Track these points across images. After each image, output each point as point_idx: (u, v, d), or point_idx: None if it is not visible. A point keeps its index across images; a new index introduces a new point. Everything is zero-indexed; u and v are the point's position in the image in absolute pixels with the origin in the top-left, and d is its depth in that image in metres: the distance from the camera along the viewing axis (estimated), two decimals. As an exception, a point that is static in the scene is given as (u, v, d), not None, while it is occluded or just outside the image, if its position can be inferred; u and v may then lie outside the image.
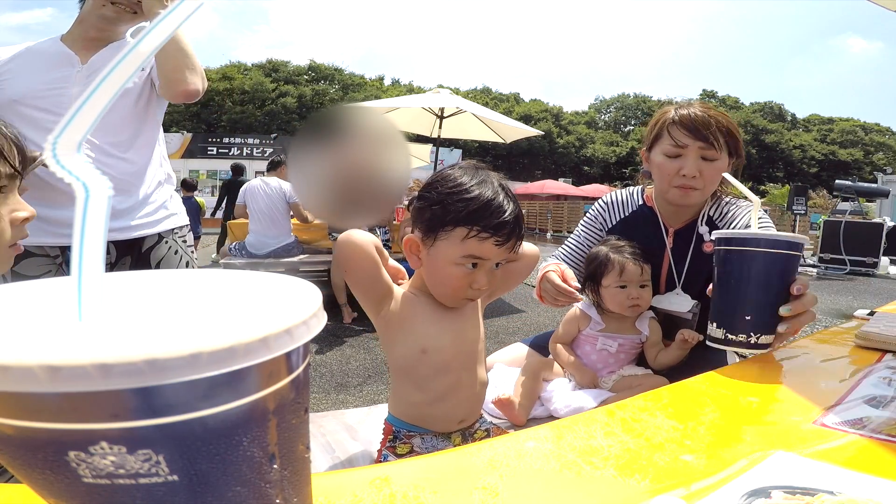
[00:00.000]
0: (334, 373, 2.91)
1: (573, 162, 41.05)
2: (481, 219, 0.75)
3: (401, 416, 0.87)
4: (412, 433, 0.85)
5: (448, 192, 0.77)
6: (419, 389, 0.84)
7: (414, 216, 0.83)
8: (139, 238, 1.40)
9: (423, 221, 0.80)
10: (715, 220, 1.24)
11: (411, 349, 0.82)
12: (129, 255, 1.41)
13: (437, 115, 5.93)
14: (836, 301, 5.58)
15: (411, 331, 0.82)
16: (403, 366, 0.84)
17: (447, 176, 0.80)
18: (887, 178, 17.45)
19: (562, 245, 1.41)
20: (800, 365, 0.86)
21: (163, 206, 1.44)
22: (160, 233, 1.43)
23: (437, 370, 0.83)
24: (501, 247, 0.77)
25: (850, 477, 0.46)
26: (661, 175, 1.19)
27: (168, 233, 1.45)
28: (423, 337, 0.82)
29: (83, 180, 0.22)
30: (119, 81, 0.22)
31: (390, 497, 0.44)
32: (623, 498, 0.45)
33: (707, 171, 1.14)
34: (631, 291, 1.18)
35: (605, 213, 1.36)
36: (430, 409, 0.85)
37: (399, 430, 0.86)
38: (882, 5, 1.16)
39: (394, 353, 0.85)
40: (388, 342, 0.85)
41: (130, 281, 0.28)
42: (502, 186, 0.80)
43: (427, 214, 0.79)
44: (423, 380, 0.83)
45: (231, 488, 0.21)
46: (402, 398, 0.86)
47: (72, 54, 1.32)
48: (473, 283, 0.79)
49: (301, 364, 0.23)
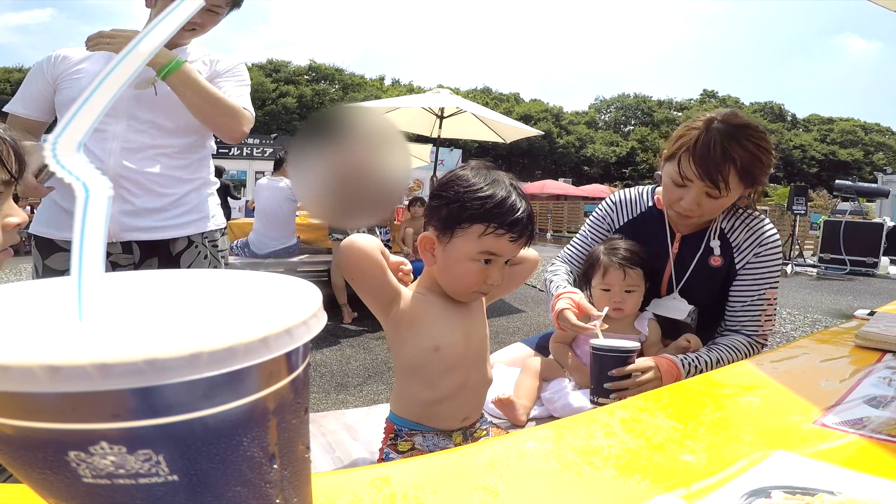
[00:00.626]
0: (334, 373, 2.91)
1: (573, 162, 41.05)
2: (497, 216, 0.78)
3: (404, 414, 0.87)
4: (414, 431, 0.86)
5: (465, 190, 0.80)
6: (429, 387, 0.85)
7: (429, 214, 0.85)
8: (166, 240, 1.38)
9: (439, 219, 0.82)
10: (727, 233, 1.21)
11: (424, 347, 0.83)
12: (154, 256, 1.39)
13: (437, 115, 5.92)
14: (836, 301, 5.58)
15: (423, 329, 0.83)
16: (414, 364, 0.85)
17: (462, 176, 0.83)
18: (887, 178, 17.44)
19: (567, 245, 1.41)
20: (800, 365, 0.86)
21: (195, 210, 1.41)
22: (189, 236, 1.40)
23: (448, 367, 0.84)
24: (515, 243, 0.81)
25: (850, 477, 0.46)
26: (664, 194, 1.19)
27: (198, 236, 1.42)
28: (436, 334, 0.83)
29: (83, 180, 0.22)
30: (119, 82, 0.22)
31: (390, 497, 0.44)
32: (623, 498, 0.45)
33: (708, 206, 1.12)
34: (613, 296, 1.18)
35: (612, 213, 1.35)
36: (438, 406, 0.85)
37: (401, 428, 0.86)
38: (882, 5, 1.16)
39: (404, 353, 0.85)
40: (397, 342, 0.85)
41: (130, 281, 0.28)
42: (514, 186, 0.82)
43: (444, 212, 0.81)
44: (434, 377, 0.84)
45: (231, 488, 0.21)
46: (409, 397, 0.87)
47: None
48: (487, 279, 0.82)
49: (301, 364, 0.23)
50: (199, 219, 1.42)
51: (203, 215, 1.43)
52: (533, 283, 6.16)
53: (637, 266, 1.19)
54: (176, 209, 1.37)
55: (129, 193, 1.30)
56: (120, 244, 1.33)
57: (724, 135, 1.08)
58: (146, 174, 1.31)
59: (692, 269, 1.22)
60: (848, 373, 0.79)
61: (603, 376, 1.02)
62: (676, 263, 1.24)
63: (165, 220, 1.35)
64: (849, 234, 7.92)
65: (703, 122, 1.12)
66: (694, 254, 1.22)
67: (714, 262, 1.20)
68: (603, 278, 1.19)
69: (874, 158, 41.31)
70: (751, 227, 1.20)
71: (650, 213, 1.30)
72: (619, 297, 1.18)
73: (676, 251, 1.24)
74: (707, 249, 1.21)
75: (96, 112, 0.22)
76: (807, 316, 4.72)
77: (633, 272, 1.18)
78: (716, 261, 1.20)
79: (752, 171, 1.10)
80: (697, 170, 1.08)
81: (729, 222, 1.22)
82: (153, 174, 1.31)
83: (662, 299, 1.25)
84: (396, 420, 0.88)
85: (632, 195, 1.35)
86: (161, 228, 1.35)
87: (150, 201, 1.32)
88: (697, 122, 1.13)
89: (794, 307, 5.11)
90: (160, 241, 1.37)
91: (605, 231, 1.34)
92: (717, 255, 1.20)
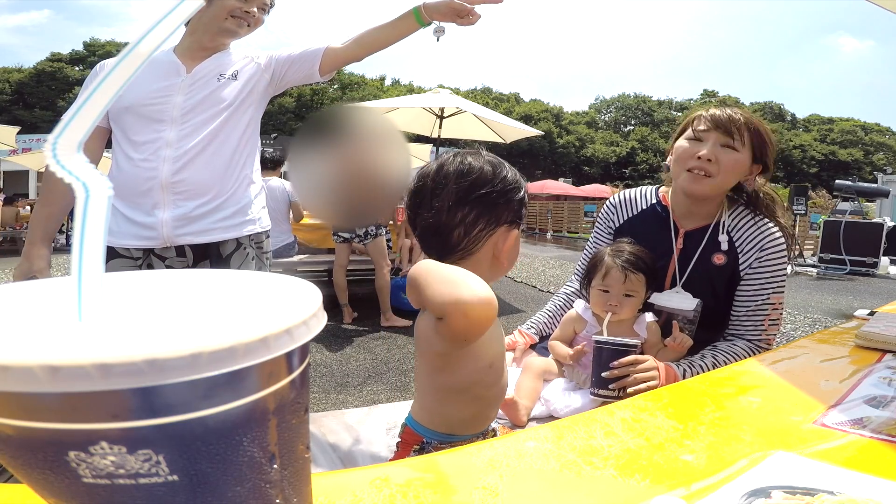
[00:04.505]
0: (334, 373, 2.91)
1: (573, 162, 41.05)
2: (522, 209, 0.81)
3: (438, 427, 0.80)
4: (444, 444, 0.78)
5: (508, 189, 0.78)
6: (475, 402, 0.79)
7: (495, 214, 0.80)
8: (216, 242, 1.41)
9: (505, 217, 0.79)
10: (730, 231, 1.20)
11: (480, 367, 0.77)
12: (206, 258, 1.42)
13: (437, 115, 5.93)
14: (836, 301, 5.58)
15: (481, 348, 0.76)
16: (467, 383, 0.77)
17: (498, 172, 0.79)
18: (887, 178, 17.44)
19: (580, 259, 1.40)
20: (800, 365, 0.86)
21: (241, 212, 1.44)
22: (238, 238, 1.44)
23: (497, 379, 0.79)
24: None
25: (850, 477, 0.46)
26: (678, 159, 1.18)
27: (245, 238, 1.45)
28: (491, 352, 0.77)
29: (83, 181, 0.22)
30: (119, 82, 0.22)
31: (390, 497, 0.44)
32: (623, 498, 0.45)
33: (724, 158, 1.13)
34: (611, 298, 1.17)
35: (612, 215, 1.35)
36: (478, 416, 0.81)
37: (430, 440, 0.80)
38: (882, 6, 1.16)
39: (457, 373, 0.77)
40: (449, 363, 0.77)
41: (130, 281, 0.28)
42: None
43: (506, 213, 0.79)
44: (482, 391, 0.78)
45: (231, 488, 0.21)
46: (448, 413, 0.80)
47: (179, 64, 1.37)
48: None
49: (301, 364, 0.23)
50: (245, 221, 1.45)
51: (250, 218, 1.46)
52: (533, 282, 6.17)
53: (640, 272, 1.17)
54: (223, 211, 1.40)
55: (181, 199, 1.34)
56: (174, 248, 1.38)
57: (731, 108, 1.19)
58: (196, 179, 1.34)
59: (694, 263, 1.21)
60: (848, 373, 0.79)
61: (604, 368, 1.04)
62: (680, 259, 1.24)
63: (214, 224, 1.39)
64: (849, 234, 7.92)
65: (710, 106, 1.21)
66: (697, 247, 1.22)
67: (717, 261, 1.19)
68: (603, 279, 1.18)
69: (874, 158, 41.33)
70: (755, 228, 1.19)
71: (653, 210, 1.29)
72: (616, 301, 1.16)
73: (681, 247, 1.24)
74: (713, 245, 1.20)
75: (96, 112, 0.22)
76: (807, 316, 4.72)
77: (634, 277, 1.16)
78: (719, 258, 1.19)
79: (761, 134, 1.16)
80: (711, 122, 1.15)
81: (733, 221, 1.21)
82: (202, 178, 1.35)
83: (667, 293, 1.24)
84: (426, 433, 0.80)
85: (632, 194, 1.35)
86: (210, 231, 1.38)
87: (201, 206, 1.36)
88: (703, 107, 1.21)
89: (794, 307, 5.11)
90: (210, 243, 1.40)
91: (607, 236, 1.35)
92: (724, 249, 1.19)
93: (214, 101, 1.36)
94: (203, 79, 1.37)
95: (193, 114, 1.34)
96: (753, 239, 1.19)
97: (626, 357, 1.04)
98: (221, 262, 1.42)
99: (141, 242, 1.35)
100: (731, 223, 1.21)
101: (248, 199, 1.46)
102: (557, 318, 1.37)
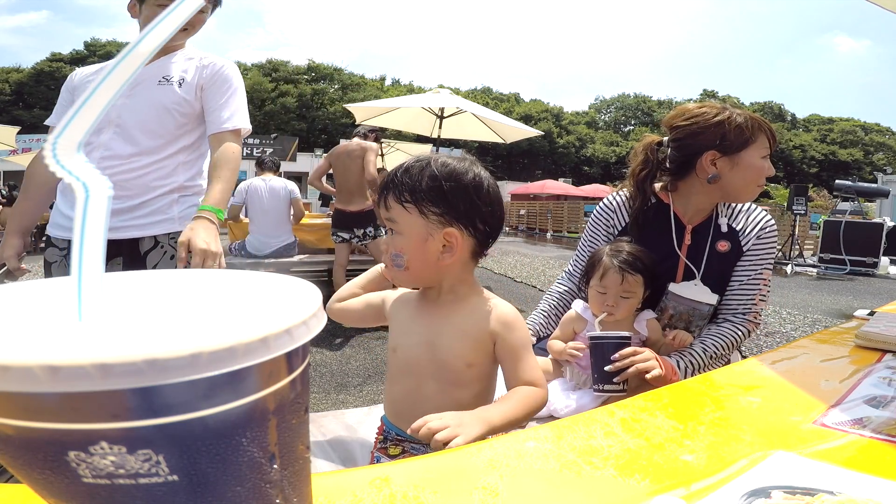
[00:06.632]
0: (334, 373, 2.91)
1: (573, 162, 41.04)
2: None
3: (388, 414, 0.90)
4: (401, 438, 0.85)
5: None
6: (388, 385, 0.90)
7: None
8: (131, 239, 1.41)
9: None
10: (730, 221, 1.28)
11: (390, 347, 0.89)
12: (119, 255, 1.42)
13: (437, 115, 5.93)
14: (836, 301, 5.58)
15: (393, 329, 0.89)
16: (387, 363, 0.92)
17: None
18: (887, 178, 17.45)
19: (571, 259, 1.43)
20: (800, 365, 0.86)
21: (159, 211, 1.43)
22: (155, 236, 1.43)
23: (401, 370, 0.86)
24: None
25: (850, 477, 0.46)
26: (754, 175, 1.22)
27: (164, 237, 1.44)
28: (396, 335, 0.88)
29: (83, 181, 0.22)
30: (119, 82, 0.22)
31: (390, 497, 0.44)
32: (623, 498, 0.45)
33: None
34: (608, 299, 1.17)
35: (612, 218, 1.35)
36: (399, 408, 0.87)
37: (389, 431, 0.87)
38: (880, 4, 1.16)
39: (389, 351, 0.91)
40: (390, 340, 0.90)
41: (130, 281, 0.28)
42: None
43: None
44: (391, 376, 0.88)
45: (231, 488, 0.21)
46: (385, 395, 0.92)
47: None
48: None
49: (301, 364, 0.23)
50: (163, 220, 1.44)
51: (168, 217, 1.45)
52: (533, 282, 6.16)
53: (638, 272, 1.16)
54: (140, 210, 1.41)
55: None
56: None
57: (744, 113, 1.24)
58: (117, 181, 1.34)
59: (707, 256, 1.25)
60: (848, 373, 0.79)
61: (605, 362, 1.06)
62: (690, 252, 1.27)
63: (128, 221, 1.39)
64: (849, 234, 7.92)
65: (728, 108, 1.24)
66: (706, 240, 1.26)
67: (721, 248, 1.25)
68: (601, 280, 1.18)
69: (874, 158, 41.32)
70: (749, 214, 1.29)
71: (654, 208, 1.30)
72: (613, 301, 1.16)
73: (689, 242, 1.27)
74: (718, 234, 1.26)
75: (96, 112, 0.22)
76: (807, 316, 4.72)
77: (631, 278, 1.15)
78: (723, 245, 1.25)
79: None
80: (773, 137, 1.24)
81: (728, 209, 1.30)
82: (124, 180, 1.36)
83: (685, 283, 1.25)
84: (386, 422, 0.89)
85: (623, 197, 1.36)
86: (122, 228, 1.39)
87: (115, 204, 1.35)
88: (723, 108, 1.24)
89: (794, 307, 5.11)
90: (122, 240, 1.40)
91: (607, 235, 1.35)
92: (724, 231, 1.25)
93: (146, 105, 1.37)
94: (144, 80, 1.38)
95: (126, 118, 1.36)
96: (752, 221, 1.28)
97: (625, 349, 1.06)
98: (137, 260, 1.42)
99: (65, 233, 1.42)
100: (725, 209, 1.30)
101: (171, 199, 1.45)
102: (553, 317, 1.37)
